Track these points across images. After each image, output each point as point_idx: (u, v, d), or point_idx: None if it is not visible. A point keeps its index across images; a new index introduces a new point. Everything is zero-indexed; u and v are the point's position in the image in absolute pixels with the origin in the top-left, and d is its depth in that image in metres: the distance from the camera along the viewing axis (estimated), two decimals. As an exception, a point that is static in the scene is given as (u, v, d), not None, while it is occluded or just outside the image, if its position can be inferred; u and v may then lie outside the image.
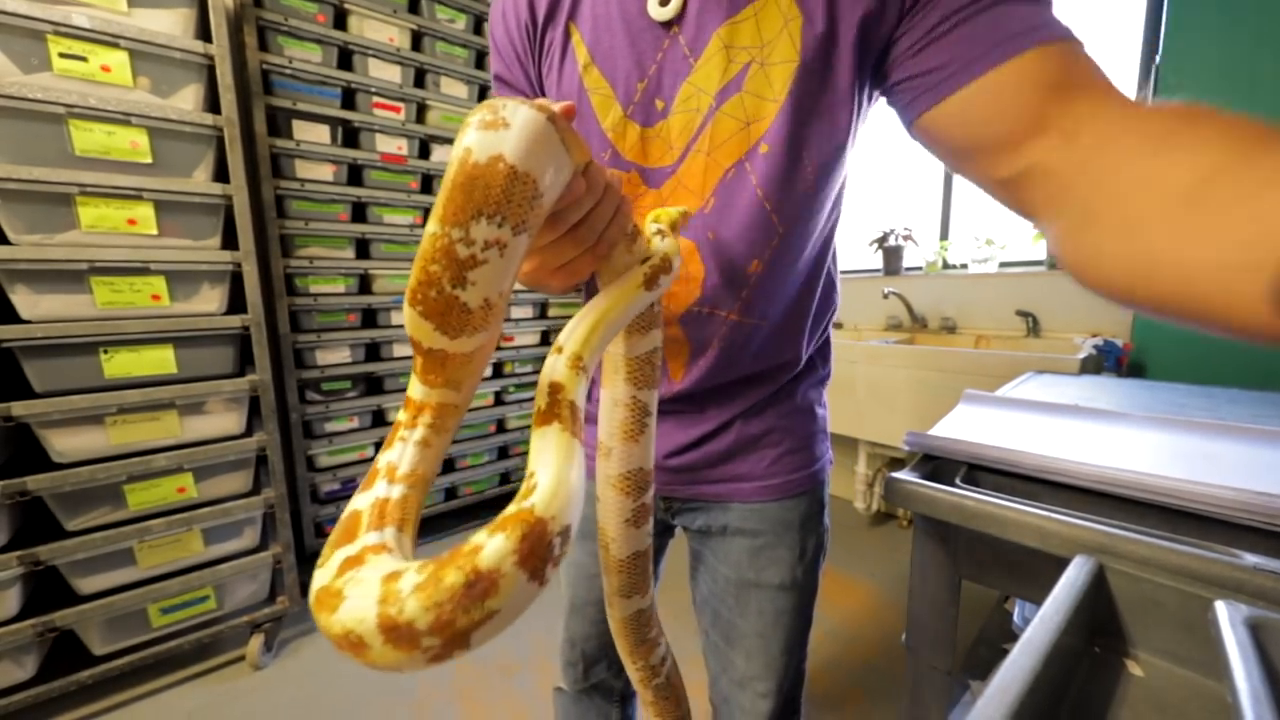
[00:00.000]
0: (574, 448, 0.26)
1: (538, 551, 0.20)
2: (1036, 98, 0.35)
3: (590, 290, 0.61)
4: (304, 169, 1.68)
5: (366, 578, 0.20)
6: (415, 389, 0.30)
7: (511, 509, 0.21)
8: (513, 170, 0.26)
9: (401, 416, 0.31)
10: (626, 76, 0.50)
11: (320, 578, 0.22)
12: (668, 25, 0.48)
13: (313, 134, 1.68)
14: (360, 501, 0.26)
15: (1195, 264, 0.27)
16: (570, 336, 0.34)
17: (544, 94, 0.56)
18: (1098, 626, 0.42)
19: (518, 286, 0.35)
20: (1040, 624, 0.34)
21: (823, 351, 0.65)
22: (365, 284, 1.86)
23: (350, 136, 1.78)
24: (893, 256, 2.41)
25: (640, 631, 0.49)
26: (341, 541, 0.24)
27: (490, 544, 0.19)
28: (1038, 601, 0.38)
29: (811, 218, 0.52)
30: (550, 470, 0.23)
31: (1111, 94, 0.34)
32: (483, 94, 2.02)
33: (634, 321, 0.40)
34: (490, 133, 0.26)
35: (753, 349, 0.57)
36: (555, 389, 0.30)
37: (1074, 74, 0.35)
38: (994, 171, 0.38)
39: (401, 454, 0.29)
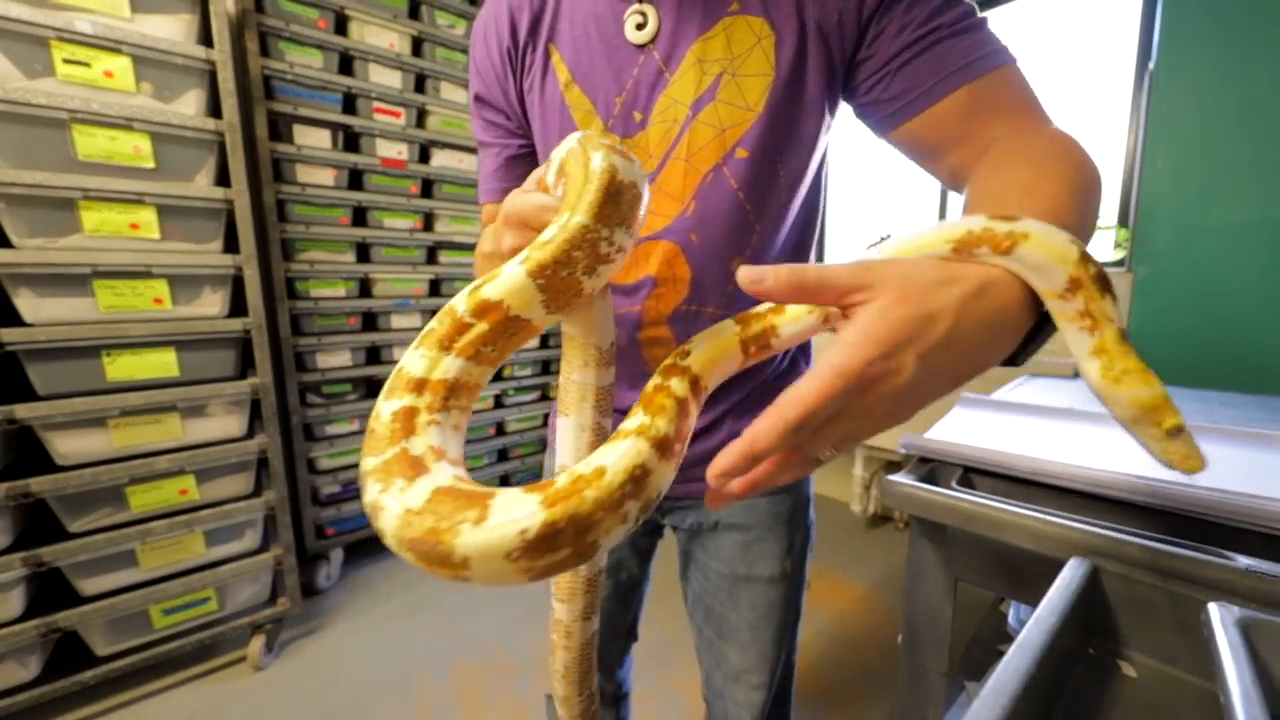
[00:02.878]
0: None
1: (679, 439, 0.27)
2: (963, 125, 0.47)
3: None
4: (305, 173, 1.69)
5: (502, 505, 0.22)
6: (448, 366, 0.28)
7: (630, 425, 0.26)
8: (639, 198, 0.32)
9: (424, 389, 0.28)
10: (606, 92, 0.53)
11: (399, 498, 0.22)
12: (643, 45, 0.51)
13: (313, 139, 1.69)
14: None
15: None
16: (698, 355, 0.33)
17: (524, 110, 0.59)
18: (1092, 628, 0.42)
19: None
20: (1035, 625, 0.34)
21: (804, 349, 0.68)
22: (365, 288, 1.86)
23: (351, 141, 1.79)
24: (892, 259, 2.41)
25: (585, 668, 0.47)
26: (409, 471, 0.24)
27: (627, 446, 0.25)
28: (1033, 603, 0.38)
29: (787, 213, 0.57)
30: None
31: (1017, 119, 0.45)
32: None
33: (603, 355, 0.39)
34: (627, 161, 0.31)
35: None
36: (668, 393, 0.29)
37: (993, 102, 0.46)
38: (934, 167, 0.52)
39: (443, 434, 0.27)
